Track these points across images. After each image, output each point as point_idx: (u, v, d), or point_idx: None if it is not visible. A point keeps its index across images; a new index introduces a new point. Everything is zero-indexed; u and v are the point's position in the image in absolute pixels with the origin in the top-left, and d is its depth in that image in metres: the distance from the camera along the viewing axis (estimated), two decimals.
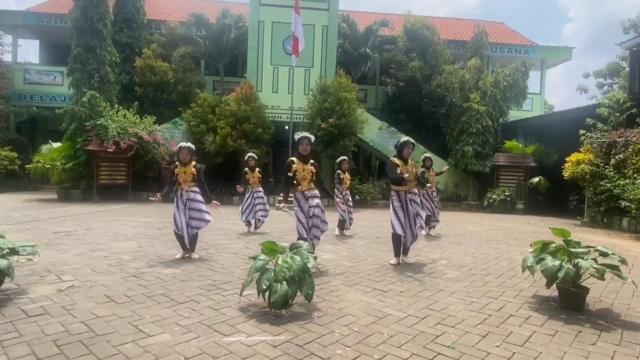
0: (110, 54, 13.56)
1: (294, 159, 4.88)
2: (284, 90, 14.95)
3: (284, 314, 3.39)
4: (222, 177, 14.03)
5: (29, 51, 41.58)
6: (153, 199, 5.47)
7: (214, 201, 5.57)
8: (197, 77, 16.38)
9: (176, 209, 5.28)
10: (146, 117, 13.30)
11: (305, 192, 4.88)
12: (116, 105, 13.17)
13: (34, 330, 2.94)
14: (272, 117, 14.69)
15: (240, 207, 7.76)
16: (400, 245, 5.34)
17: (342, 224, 7.70)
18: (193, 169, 5.32)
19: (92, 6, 12.78)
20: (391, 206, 5.27)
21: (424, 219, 7.99)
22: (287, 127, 14.14)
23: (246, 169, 7.77)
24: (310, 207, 4.84)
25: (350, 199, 8.10)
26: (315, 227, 4.84)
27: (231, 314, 3.38)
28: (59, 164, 12.15)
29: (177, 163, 5.40)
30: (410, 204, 5.21)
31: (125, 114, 12.91)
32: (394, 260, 5.36)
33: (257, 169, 7.78)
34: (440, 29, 17.95)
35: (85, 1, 12.72)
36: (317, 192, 4.97)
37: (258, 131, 13.58)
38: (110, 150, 11.89)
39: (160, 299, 3.69)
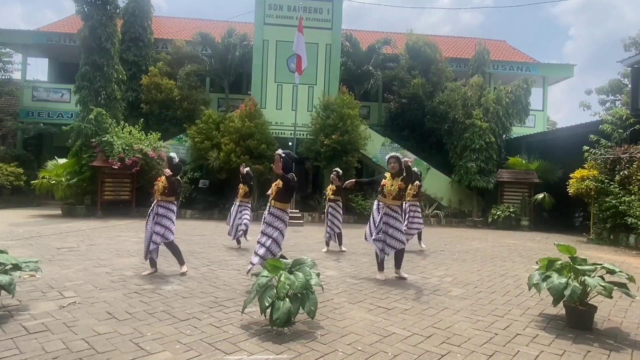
0: (117, 72, 13.78)
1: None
2: (287, 107, 15.11)
3: (287, 332, 3.35)
4: (225, 193, 14.06)
5: (38, 69, 42.53)
6: None
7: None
8: (202, 95, 16.58)
9: (147, 220, 5.27)
10: (151, 134, 13.45)
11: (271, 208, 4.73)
12: (122, 122, 13.33)
13: (34, 347, 2.91)
14: (275, 133, 14.80)
15: (227, 221, 7.86)
16: (378, 258, 5.42)
17: (327, 240, 7.63)
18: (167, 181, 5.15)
19: (101, 26, 13.06)
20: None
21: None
22: (290, 144, 14.23)
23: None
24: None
25: (335, 211, 7.50)
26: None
27: (233, 331, 3.34)
28: (64, 180, 12.22)
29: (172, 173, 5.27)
30: (383, 217, 5.25)
31: (131, 131, 13.06)
32: (378, 275, 5.41)
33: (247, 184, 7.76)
34: (442, 47, 18.18)
35: (94, 21, 13.00)
36: (274, 209, 4.65)
37: (262, 147, 13.67)
38: (115, 167, 11.98)
39: (161, 316, 3.66)
